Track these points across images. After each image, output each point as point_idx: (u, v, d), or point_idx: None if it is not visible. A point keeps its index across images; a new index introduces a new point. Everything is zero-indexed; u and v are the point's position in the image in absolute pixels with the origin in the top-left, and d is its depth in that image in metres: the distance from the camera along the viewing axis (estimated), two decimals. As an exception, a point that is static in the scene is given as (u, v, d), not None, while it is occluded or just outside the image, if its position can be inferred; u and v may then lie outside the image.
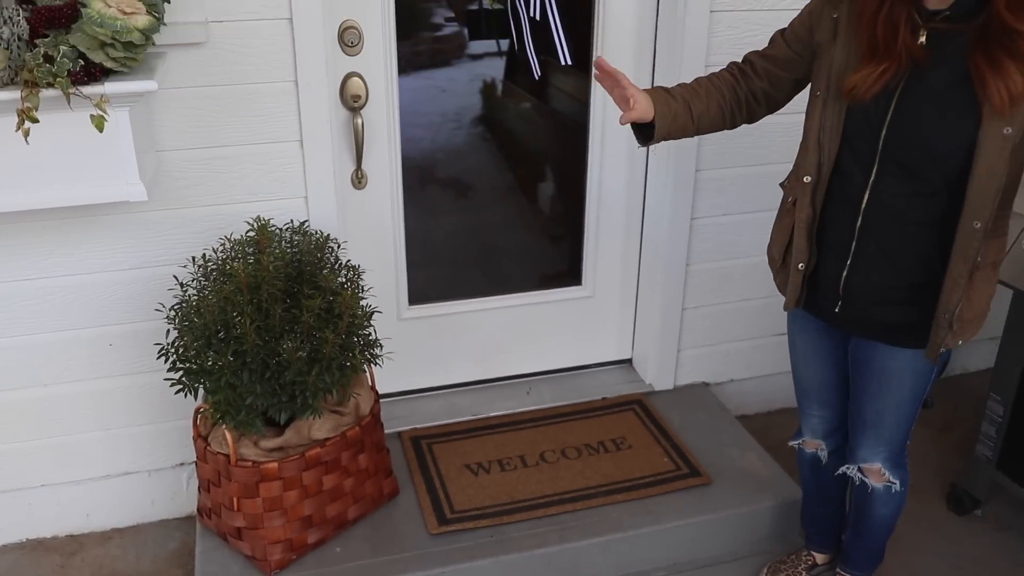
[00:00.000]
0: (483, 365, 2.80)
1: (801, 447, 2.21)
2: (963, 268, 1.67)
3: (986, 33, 1.53)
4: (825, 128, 1.75)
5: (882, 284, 1.78)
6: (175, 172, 2.15)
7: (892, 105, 1.65)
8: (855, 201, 1.75)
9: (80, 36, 1.73)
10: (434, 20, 2.55)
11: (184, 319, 1.96)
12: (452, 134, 2.61)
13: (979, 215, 1.62)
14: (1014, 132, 1.56)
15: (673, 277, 2.70)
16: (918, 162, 1.65)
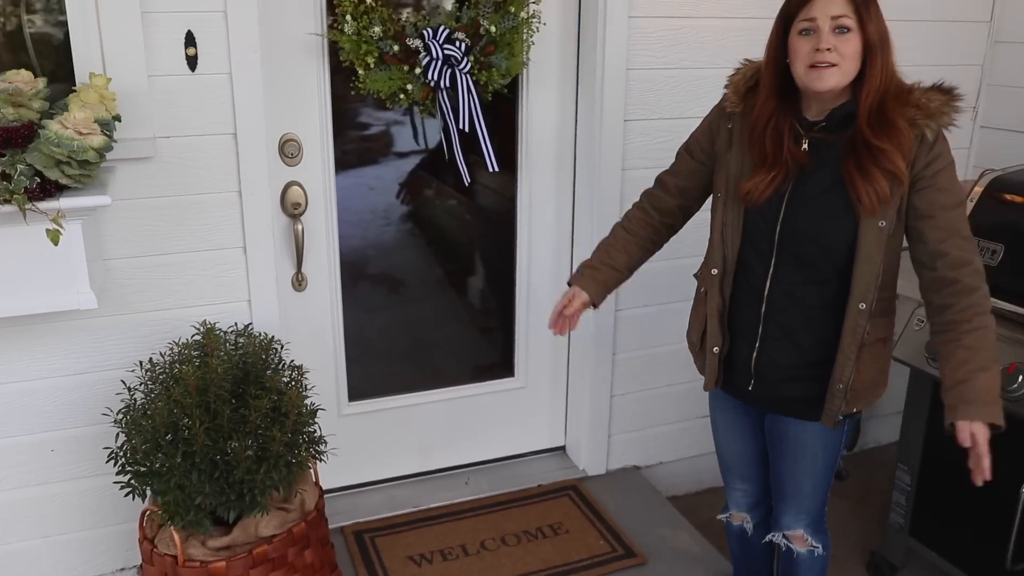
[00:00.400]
0: (422, 457, 2.88)
1: (729, 520, 2.33)
2: (852, 344, 1.85)
3: (854, 144, 1.77)
4: (727, 226, 1.95)
5: (787, 363, 1.95)
6: (122, 279, 2.22)
7: (783, 205, 1.86)
8: (759, 289, 1.93)
9: (37, 155, 1.83)
10: (361, 120, 2.70)
11: (132, 423, 2.01)
12: (382, 231, 2.73)
13: (863, 298, 1.82)
14: (888, 225, 1.78)
15: (601, 366, 2.85)
16: (809, 254, 1.86)
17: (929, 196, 1.77)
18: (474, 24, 2.39)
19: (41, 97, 1.92)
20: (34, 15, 2.11)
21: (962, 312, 1.76)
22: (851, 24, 1.72)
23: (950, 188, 1.78)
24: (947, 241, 1.77)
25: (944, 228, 1.77)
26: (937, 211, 1.77)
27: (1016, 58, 3.07)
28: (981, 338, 1.75)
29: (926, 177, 1.76)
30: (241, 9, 2.14)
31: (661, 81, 2.65)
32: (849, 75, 1.75)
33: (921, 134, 1.75)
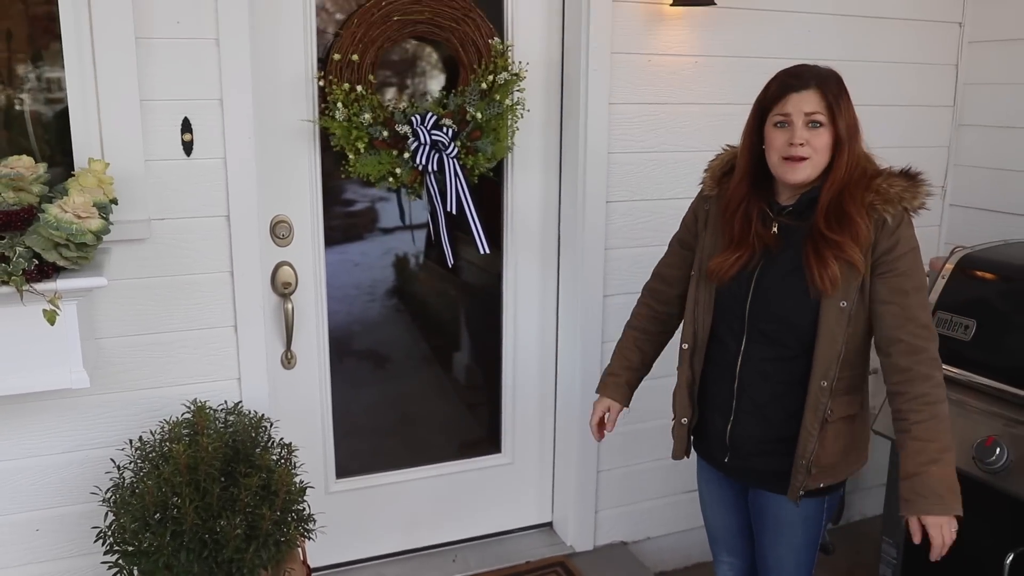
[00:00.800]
0: (410, 535, 2.88)
1: (715, 593, 2.34)
2: (814, 421, 1.89)
3: (814, 229, 1.85)
4: (699, 303, 2.03)
5: (759, 437, 2.00)
6: (113, 358, 2.25)
7: (752, 284, 1.93)
8: (732, 364, 1.99)
9: (35, 238, 1.88)
10: (346, 196, 2.77)
11: (121, 502, 2.01)
12: (367, 306, 2.78)
13: (824, 376, 1.87)
14: (849, 305, 1.84)
15: (587, 442, 2.87)
16: (777, 332, 1.92)
17: (888, 281, 1.83)
18: (460, 111, 2.49)
19: (41, 182, 1.99)
20: (35, 101, 2.18)
21: (913, 401, 1.81)
22: (823, 119, 1.82)
23: (909, 273, 1.83)
24: (903, 328, 1.82)
25: (900, 315, 1.82)
26: (895, 296, 1.83)
27: (979, 140, 3.20)
28: (930, 429, 1.79)
29: (886, 262, 1.83)
30: (237, 97, 2.23)
31: (641, 164, 2.75)
32: (820, 167, 1.85)
33: (881, 219, 1.83)
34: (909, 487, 1.80)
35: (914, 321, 1.83)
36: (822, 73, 1.85)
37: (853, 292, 1.85)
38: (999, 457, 2.18)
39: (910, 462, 1.80)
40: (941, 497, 1.77)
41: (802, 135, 1.83)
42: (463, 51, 2.50)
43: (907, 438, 1.82)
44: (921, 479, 1.78)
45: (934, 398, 1.81)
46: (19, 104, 2.18)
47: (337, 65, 2.38)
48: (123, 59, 2.11)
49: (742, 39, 2.79)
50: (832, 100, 1.82)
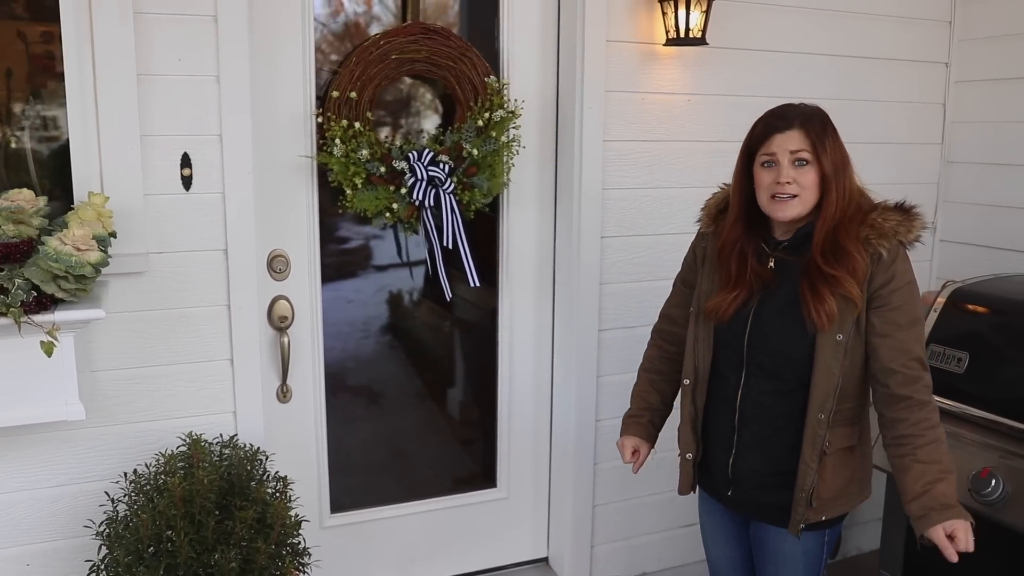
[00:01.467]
0: (404, 570, 2.86)
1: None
2: (812, 453, 1.90)
3: (809, 265, 1.87)
4: (698, 340, 2.04)
5: (761, 470, 2.00)
6: (109, 390, 2.25)
7: (749, 320, 1.95)
8: (732, 399, 2.01)
9: (35, 270, 1.89)
10: (340, 234, 2.79)
11: (115, 535, 2.00)
12: (361, 343, 2.79)
13: (822, 408, 1.88)
14: (845, 338, 1.86)
15: (583, 476, 2.87)
16: (775, 366, 1.94)
17: (884, 314, 1.86)
18: (457, 147, 2.52)
19: (41, 215, 2.00)
20: (36, 138, 2.21)
21: (914, 427, 1.83)
22: (808, 157, 1.85)
23: (904, 307, 1.86)
24: (898, 360, 1.85)
25: (895, 347, 1.85)
26: (891, 330, 1.85)
27: (967, 177, 3.25)
28: (933, 451, 1.82)
29: (882, 296, 1.86)
30: (236, 133, 2.26)
31: (636, 200, 2.78)
32: (809, 203, 1.88)
33: (877, 253, 1.86)
34: (919, 505, 1.82)
35: (908, 354, 1.86)
36: (806, 112, 1.89)
37: (849, 325, 1.87)
38: (995, 489, 2.18)
39: (916, 483, 1.82)
40: (951, 507, 1.79)
41: (788, 174, 1.86)
42: (460, 89, 2.54)
43: (911, 461, 1.84)
44: (930, 495, 1.80)
45: (933, 423, 1.85)
46: (18, 141, 2.21)
47: (336, 102, 2.42)
48: (124, 95, 2.14)
49: (734, 78, 2.84)
50: (816, 138, 1.85)
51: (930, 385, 1.87)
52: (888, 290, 1.86)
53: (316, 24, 2.48)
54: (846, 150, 1.90)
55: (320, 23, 2.51)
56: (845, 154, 1.90)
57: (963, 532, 1.78)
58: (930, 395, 1.86)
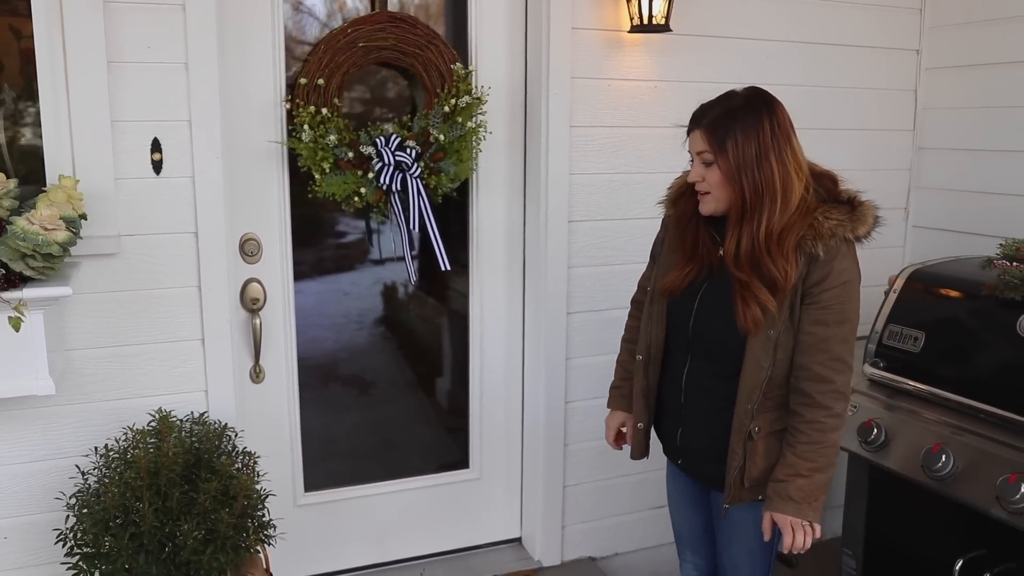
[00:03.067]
0: (378, 549, 2.92)
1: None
2: (738, 439, 1.95)
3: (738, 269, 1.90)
4: (652, 318, 2.10)
5: (704, 445, 2.06)
6: (83, 368, 2.32)
7: (695, 304, 2.00)
8: (679, 377, 2.07)
9: (3, 248, 1.96)
10: (338, 228, 2.86)
11: (83, 505, 2.07)
12: (339, 328, 2.86)
13: (749, 399, 1.92)
14: (776, 332, 1.89)
15: (553, 457, 2.93)
16: (714, 352, 1.99)
17: (812, 312, 1.88)
18: (424, 133, 2.58)
19: (11, 196, 2.07)
20: (11, 123, 2.28)
21: (805, 424, 1.89)
22: (709, 158, 1.89)
23: (833, 307, 1.87)
24: (814, 357, 1.88)
25: (815, 345, 1.87)
26: (815, 327, 1.88)
27: (939, 163, 3.28)
28: (810, 451, 1.88)
29: (813, 293, 1.87)
30: (205, 119, 2.33)
31: (603, 185, 2.83)
32: (722, 200, 1.91)
33: (813, 253, 1.85)
34: (772, 489, 1.92)
35: (827, 352, 1.88)
36: (714, 112, 1.89)
37: (782, 320, 1.89)
38: (945, 464, 2.22)
39: (782, 470, 1.91)
40: (797, 503, 1.89)
41: (697, 171, 1.92)
42: (427, 76, 2.60)
43: (788, 451, 1.91)
44: (784, 485, 1.90)
45: (825, 427, 1.88)
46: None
47: (304, 89, 2.48)
48: (95, 81, 2.21)
49: (701, 65, 2.88)
50: (718, 139, 1.86)
51: (841, 392, 1.89)
52: (820, 288, 1.87)
53: (285, 12, 2.54)
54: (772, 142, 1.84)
55: (290, 10, 2.57)
56: (764, 150, 1.85)
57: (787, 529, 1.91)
58: (836, 401, 1.88)
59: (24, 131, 2.30)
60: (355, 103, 2.69)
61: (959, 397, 2.31)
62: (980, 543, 2.30)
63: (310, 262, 2.76)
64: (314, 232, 2.77)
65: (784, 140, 1.87)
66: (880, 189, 3.26)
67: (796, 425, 1.90)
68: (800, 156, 1.91)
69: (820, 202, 1.91)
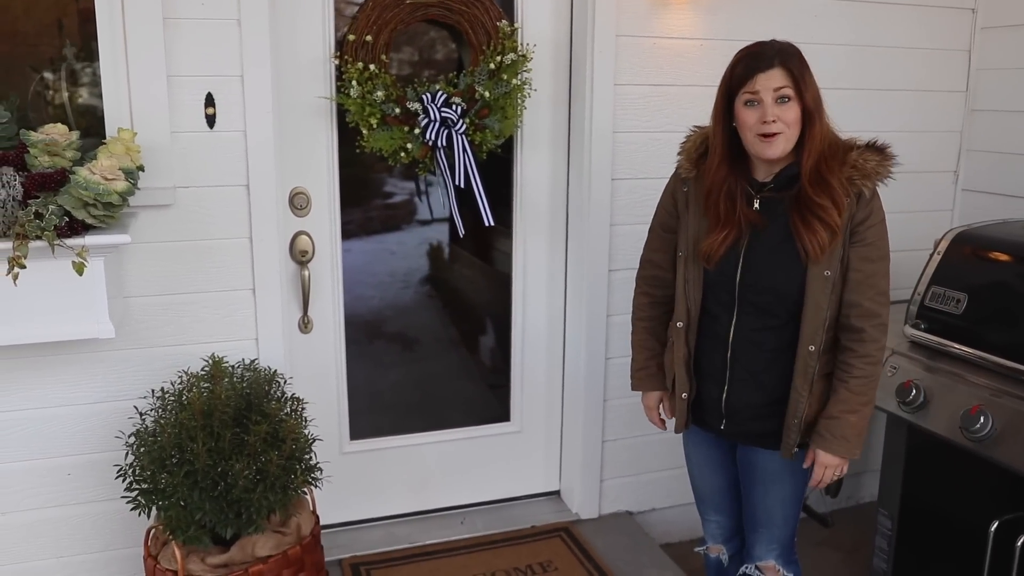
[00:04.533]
0: (420, 497, 3.01)
1: (706, 553, 2.43)
2: (804, 383, 2.00)
3: (798, 200, 1.93)
4: (689, 282, 2.11)
5: (753, 402, 2.09)
6: (140, 315, 2.42)
7: (740, 259, 2.02)
8: (724, 337, 2.09)
9: (67, 197, 2.05)
10: (386, 189, 2.93)
11: (141, 444, 2.18)
12: (385, 286, 2.93)
13: (812, 341, 1.97)
14: (832, 274, 1.93)
15: (592, 412, 2.98)
16: (766, 303, 2.01)
17: (859, 249, 1.94)
18: (470, 90, 2.62)
19: (74, 148, 2.16)
20: (72, 80, 2.37)
21: (859, 358, 1.95)
22: (791, 94, 1.89)
23: (876, 243, 1.95)
24: (863, 293, 1.94)
25: (863, 281, 1.94)
26: (862, 264, 1.94)
27: (991, 125, 3.23)
28: (863, 385, 1.96)
29: (859, 232, 1.93)
30: (256, 74, 2.39)
31: (646, 143, 2.84)
32: (793, 140, 1.93)
33: (859, 192, 1.92)
34: (825, 425, 1.99)
35: (874, 288, 1.95)
36: (785, 49, 1.92)
37: (835, 261, 1.94)
38: (983, 425, 2.22)
39: (835, 407, 1.98)
40: (848, 441, 1.98)
41: (773, 112, 1.90)
42: (473, 33, 2.63)
43: (841, 386, 1.98)
44: (838, 422, 1.97)
45: (875, 360, 1.96)
46: (59, 85, 2.37)
47: (352, 45, 2.52)
48: (151, 37, 2.28)
49: (747, 23, 2.86)
50: (798, 74, 1.89)
51: (886, 324, 1.97)
52: (865, 226, 1.94)
53: (335, -30, 2.59)
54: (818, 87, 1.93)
55: (340, -31, 2.62)
56: (819, 92, 1.93)
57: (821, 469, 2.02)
58: (883, 333, 1.96)
59: (85, 87, 2.38)
60: (403, 63, 2.73)
61: (1000, 359, 2.30)
62: (1017, 506, 2.30)
63: (358, 221, 2.83)
64: (363, 191, 2.83)
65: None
66: (929, 152, 3.28)
67: (849, 360, 1.96)
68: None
69: (846, 149, 1.97)
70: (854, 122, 3.08)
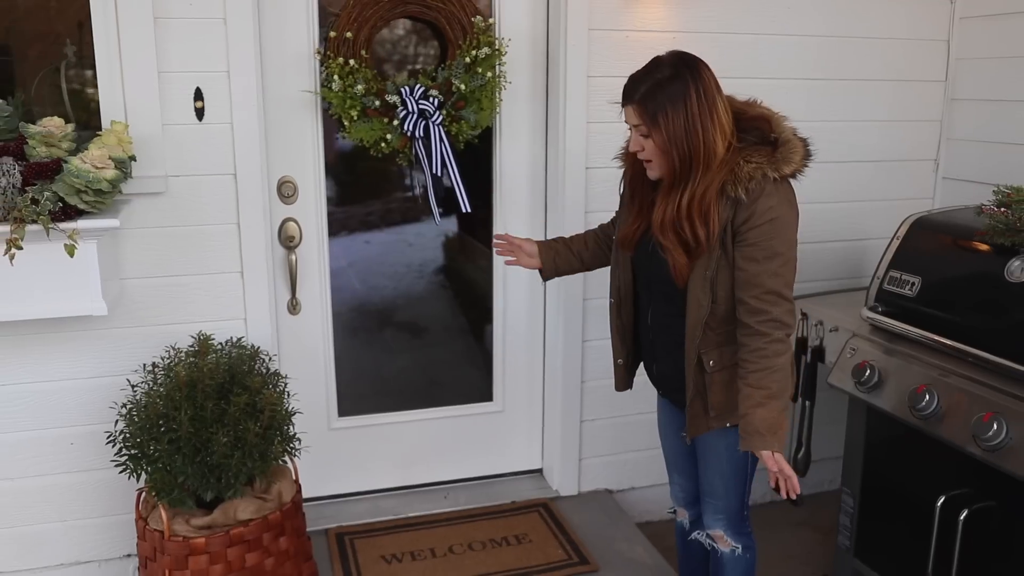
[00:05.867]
0: (405, 472, 3.16)
1: (675, 516, 2.55)
2: (690, 373, 2.11)
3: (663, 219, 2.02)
4: (617, 264, 2.27)
5: (672, 375, 2.22)
6: (135, 296, 2.60)
7: (649, 251, 2.14)
8: (645, 315, 2.24)
9: (61, 184, 2.22)
10: (406, 182, 3.07)
11: (131, 413, 2.35)
12: (371, 268, 3.09)
13: (693, 335, 2.07)
14: (711, 273, 2.03)
15: (570, 392, 3.10)
16: (666, 293, 2.13)
17: (743, 250, 2.00)
18: (447, 83, 2.75)
19: (69, 139, 2.34)
20: (72, 78, 2.55)
21: (751, 353, 2.01)
22: (645, 131, 2.00)
23: (761, 243, 1.97)
24: (747, 291, 2.00)
25: (748, 280, 2.00)
26: (745, 264, 2.00)
27: (971, 114, 3.28)
28: (761, 378, 1.99)
29: (741, 232, 1.99)
30: (242, 70, 2.55)
31: (621, 134, 2.91)
32: (663, 164, 2.01)
33: (735, 198, 1.96)
34: (741, 426, 2.05)
35: (760, 287, 1.99)
36: (644, 87, 1.98)
37: (714, 260, 2.01)
38: (929, 403, 2.30)
39: (742, 404, 2.03)
40: (762, 435, 2.00)
41: (637, 142, 2.04)
42: (449, 28, 2.76)
43: (742, 383, 2.04)
44: (747, 419, 2.02)
45: (768, 352, 1.99)
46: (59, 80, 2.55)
47: (334, 42, 2.67)
48: (143, 35, 2.45)
49: (721, 16, 2.96)
50: (650, 114, 1.96)
51: (778, 320, 1.99)
52: (746, 227, 1.98)
53: (319, -30, 2.74)
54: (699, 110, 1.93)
55: (324, -30, 2.77)
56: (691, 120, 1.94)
57: (771, 461, 2.02)
58: (775, 328, 1.99)
59: (83, 83, 2.56)
60: (384, 56, 2.87)
61: (946, 340, 2.38)
62: (966, 482, 2.37)
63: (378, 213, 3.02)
64: (385, 184, 3.03)
65: (710, 105, 1.95)
66: (909, 141, 3.34)
67: (743, 356, 2.03)
68: (724, 117, 1.98)
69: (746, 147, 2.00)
70: (831, 112, 3.19)
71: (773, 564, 3.09)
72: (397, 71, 2.88)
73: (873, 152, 3.29)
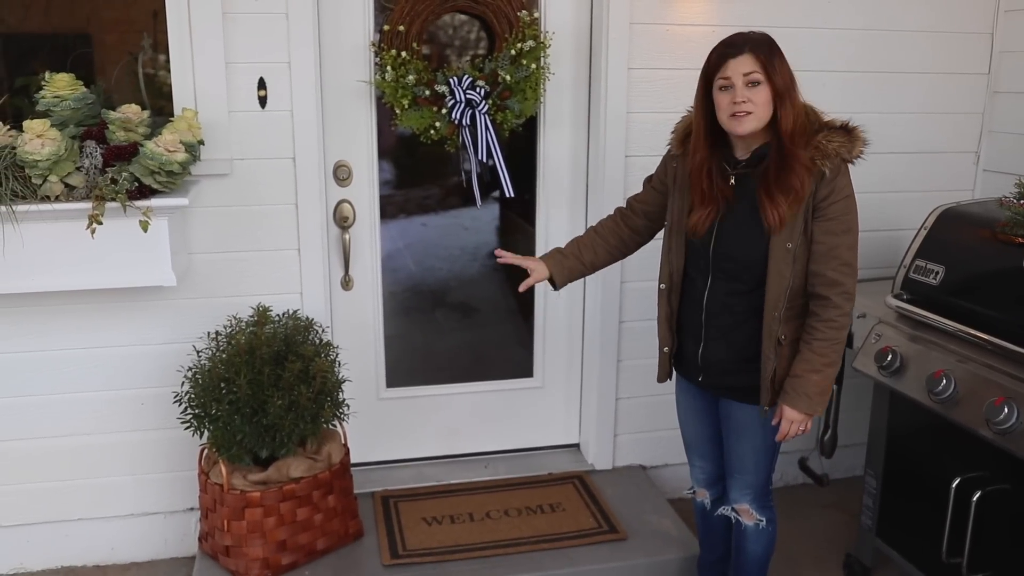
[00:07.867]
0: (449, 442, 3.34)
1: (693, 496, 2.68)
2: (770, 345, 2.22)
3: (765, 175, 2.15)
4: (671, 250, 2.37)
5: (725, 358, 2.33)
6: (201, 269, 2.82)
7: (714, 231, 2.25)
8: (699, 299, 2.33)
9: (137, 166, 2.45)
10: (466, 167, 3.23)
11: (195, 376, 2.58)
12: (422, 249, 3.26)
13: (775, 307, 2.19)
14: (794, 246, 2.15)
15: (607, 371, 3.24)
16: (734, 270, 2.25)
17: (821, 224, 2.14)
18: (493, 73, 2.90)
19: (145, 124, 2.55)
20: (146, 64, 2.78)
21: (822, 322, 2.16)
22: (759, 78, 2.11)
23: (839, 218, 2.14)
24: (827, 263, 2.15)
25: (826, 253, 2.15)
26: (825, 237, 2.14)
27: (1013, 107, 3.30)
28: (826, 348, 2.16)
29: (821, 208, 2.14)
30: (302, 62, 2.74)
31: (659, 123, 3.02)
32: (763, 119, 2.14)
33: (820, 172, 2.12)
34: (790, 383, 2.19)
35: (837, 259, 2.15)
36: (754, 38, 2.14)
37: (797, 234, 2.15)
38: (945, 388, 2.39)
39: (799, 366, 2.18)
40: (810, 398, 2.17)
41: (743, 93, 2.13)
42: (496, 22, 2.91)
43: (806, 348, 2.17)
44: (801, 380, 2.16)
45: (837, 324, 2.15)
46: (137, 70, 2.78)
47: (388, 35, 2.84)
48: (212, 29, 2.65)
49: (761, 9, 3.04)
50: (765, 60, 2.11)
51: (850, 293, 2.16)
52: (827, 203, 2.14)
53: (375, -33, 2.91)
54: (791, 70, 2.14)
55: (380, -34, 2.94)
56: (792, 74, 2.14)
57: (787, 424, 2.21)
58: (847, 301, 2.15)
59: (159, 73, 2.78)
60: (435, 48, 3.04)
61: (964, 327, 2.45)
62: (982, 466, 2.45)
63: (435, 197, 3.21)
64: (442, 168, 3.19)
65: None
66: (949, 133, 3.39)
67: (813, 324, 2.18)
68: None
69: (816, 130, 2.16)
70: (872, 104, 3.25)
71: (800, 541, 3.21)
72: (446, 62, 3.04)
73: (912, 144, 3.34)
